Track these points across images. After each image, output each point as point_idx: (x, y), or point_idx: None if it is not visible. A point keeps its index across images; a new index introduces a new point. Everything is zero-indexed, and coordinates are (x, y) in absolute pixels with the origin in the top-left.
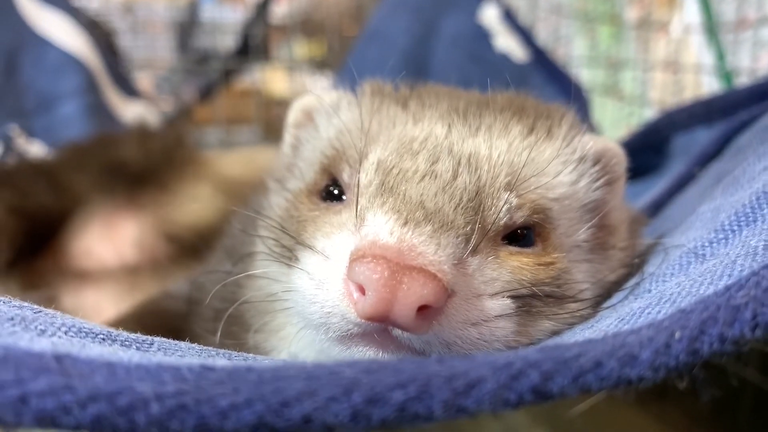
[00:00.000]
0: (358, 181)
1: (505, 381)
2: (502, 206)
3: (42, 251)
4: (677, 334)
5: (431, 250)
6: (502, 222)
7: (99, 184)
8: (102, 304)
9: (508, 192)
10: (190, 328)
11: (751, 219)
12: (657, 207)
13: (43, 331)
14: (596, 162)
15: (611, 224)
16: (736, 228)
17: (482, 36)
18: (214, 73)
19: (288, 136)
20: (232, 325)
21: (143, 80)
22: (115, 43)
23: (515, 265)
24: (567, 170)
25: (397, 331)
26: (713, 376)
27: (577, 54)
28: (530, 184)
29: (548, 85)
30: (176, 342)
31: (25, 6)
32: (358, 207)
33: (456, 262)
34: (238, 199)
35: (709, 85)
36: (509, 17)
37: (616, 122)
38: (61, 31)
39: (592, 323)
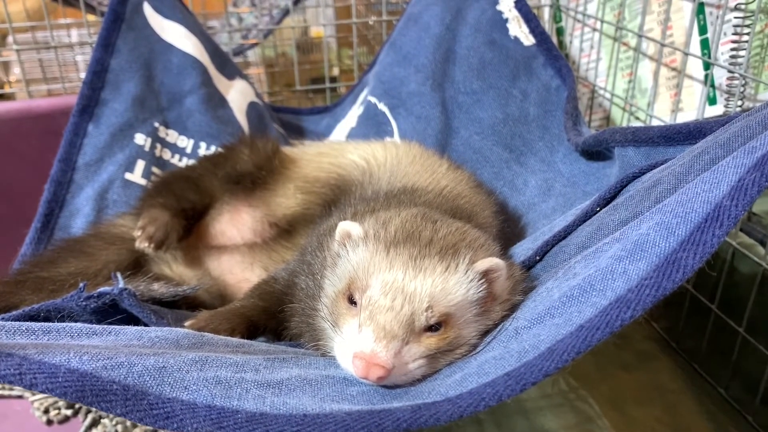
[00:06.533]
0: (361, 303)
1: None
2: (423, 319)
3: (193, 232)
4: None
5: (383, 354)
6: (423, 326)
7: (226, 188)
8: (233, 268)
9: (427, 311)
10: (289, 304)
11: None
12: (567, 233)
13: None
14: (482, 276)
15: (493, 295)
16: (532, 323)
17: (500, 21)
18: None
19: (336, 244)
20: (310, 315)
21: None
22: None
23: (427, 343)
24: (462, 288)
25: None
26: None
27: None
28: (440, 303)
29: (547, 66)
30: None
31: (151, 17)
32: (360, 319)
33: (396, 353)
34: (310, 194)
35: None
36: (520, 4)
37: (623, 68)
38: (178, 36)
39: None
